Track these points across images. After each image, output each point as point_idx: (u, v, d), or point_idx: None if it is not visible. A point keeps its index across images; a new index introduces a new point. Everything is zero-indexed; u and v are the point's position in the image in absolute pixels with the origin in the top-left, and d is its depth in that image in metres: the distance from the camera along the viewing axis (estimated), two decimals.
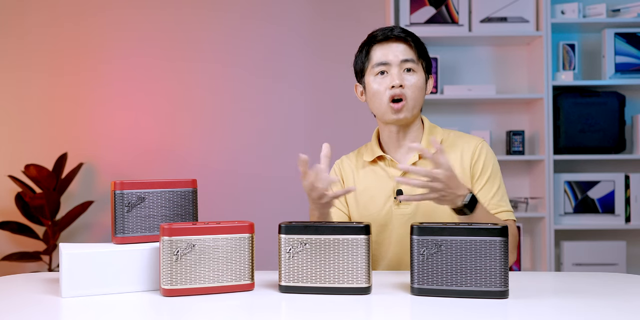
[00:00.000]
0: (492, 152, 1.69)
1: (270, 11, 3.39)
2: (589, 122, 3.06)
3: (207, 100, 3.39)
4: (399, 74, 1.61)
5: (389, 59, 1.62)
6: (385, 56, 1.63)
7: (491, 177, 1.65)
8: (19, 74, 3.41)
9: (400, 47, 1.63)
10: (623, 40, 3.09)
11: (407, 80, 1.61)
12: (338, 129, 3.34)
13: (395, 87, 1.60)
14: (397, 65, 1.61)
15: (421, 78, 1.64)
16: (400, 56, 1.62)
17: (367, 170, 1.72)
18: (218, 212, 3.25)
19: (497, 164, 1.68)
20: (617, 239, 3.17)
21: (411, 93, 1.61)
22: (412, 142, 1.68)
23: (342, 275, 1.28)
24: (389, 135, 1.69)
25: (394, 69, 1.61)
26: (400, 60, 1.61)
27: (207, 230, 1.29)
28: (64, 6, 3.40)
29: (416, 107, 1.64)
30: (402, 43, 1.63)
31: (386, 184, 1.67)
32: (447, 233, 1.24)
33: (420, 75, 1.63)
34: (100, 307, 1.22)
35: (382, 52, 1.63)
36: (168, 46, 3.39)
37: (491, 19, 3.12)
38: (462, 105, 3.30)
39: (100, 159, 3.40)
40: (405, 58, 1.61)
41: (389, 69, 1.62)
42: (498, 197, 1.63)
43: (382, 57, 1.63)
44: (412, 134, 1.69)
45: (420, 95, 1.64)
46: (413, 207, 1.64)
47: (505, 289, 1.23)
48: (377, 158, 1.71)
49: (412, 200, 1.47)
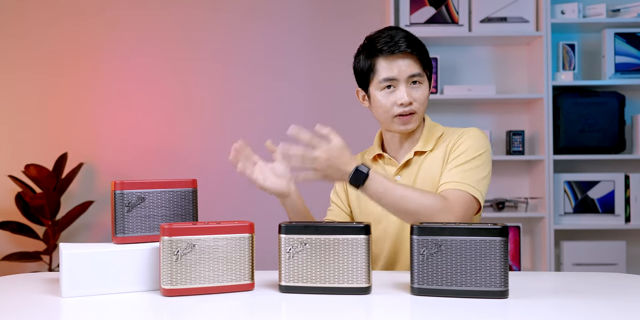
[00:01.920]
0: (479, 137, 1.62)
1: (270, 11, 3.39)
2: (589, 122, 3.06)
3: (207, 100, 3.39)
4: (407, 91, 1.60)
5: (395, 74, 1.60)
6: (391, 71, 1.60)
7: (463, 153, 1.58)
8: (19, 74, 3.41)
9: (406, 62, 1.60)
10: (623, 40, 3.09)
11: (415, 94, 1.61)
12: (338, 128, 3.30)
13: (404, 105, 1.60)
14: (404, 80, 1.60)
15: (426, 88, 1.64)
16: (407, 71, 1.60)
17: None
18: (218, 212, 3.24)
19: (478, 146, 1.59)
20: (617, 239, 3.17)
21: (419, 106, 1.62)
22: (412, 141, 1.70)
23: (342, 275, 1.28)
24: (392, 139, 1.72)
25: (402, 86, 1.60)
26: (408, 76, 1.60)
27: (207, 230, 1.29)
28: (64, 6, 3.40)
29: (422, 115, 1.66)
30: (408, 57, 1.61)
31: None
32: (447, 233, 1.24)
33: (425, 86, 1.64)
34: (100, 307, 1.22)
35: (389, 66, 1.60)
36: (168, 46, 3.39)
37: (491, 19, 3.12)
38: (462, 105, 3.30)
39: (100, 159, 3.40)
40: (413, 73, 1.60)
41: (396, 84, 1.61)
42: (459, 170, 1.55)
43: (388, 73, 1.61)
44: (412, 135, 1.71)
45: (426, 104, 1.65)
46: None
47: (505, 289, 1.23)
48: (377, 156, 1.73)
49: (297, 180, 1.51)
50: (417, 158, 1.67)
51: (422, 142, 1.68)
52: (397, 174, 1.68)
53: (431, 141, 1.67)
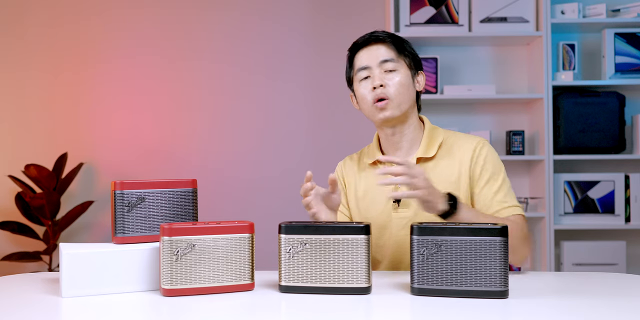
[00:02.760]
0: (493, 149, 1.67)
1: (270, 11, 3.39)
2: (589, 122, 3.06)
3: (207, 100, 3.39)
4: (379, 75, 1.61)
5: (369, 62, 1.63)
6: (365, 60, 1.64)
7: (493, 175, 1.62)
8: (19, 73, 3.41)
9: (380, 49, 1.63)
10: (623, 40, 3.09)
11: (388, 80, 1.61)
12: (339, 129, 3.34)
13: (376, 88, 1.60)
14: (377, 66, 1.62)
15: (405, 75, 1.63)
16: (379, 57, 1.62)
17: (368, 172, 1.71)
18: (218, 212, 3.25)
19: (499, 161, 1.65)
20: (617, 239, 3.17)
21: (394, 91, 1.60)
22: (410, 144, 1.67)
23: (342, 275, 1.28)
24: (386, 139, 1.69)
25: (375, 71, 1.62)
26: (380, 61, 1.62)
27: (207, 230, 1.29)
28: (64, 6, 3.40)
29: (402, 104, 1.62)
30: (381, 45, 1.64)
31: (385, 186, 1.65)
32: (447, 233, 1.24)
33: (403, 73, 1.62)
34: (100, 307, 1.22)
35: (363, 56, 1.64)
36: (168, 46, 3.40)
37: (491, 19, 3.12)
38: (462, 105, 3.30)
39: (100, 159, 3.40)
40: (385, 59, 1.62)
41: (371, 72, 1.63)
42: (502, 194, 1.61)
43: (363, 62, 1.64)
44: (409, 135, 1.67)
45: (406, 92, 1.62)
46: (412, 211, 1.62)
47: (505, 289, 1.23)
48: (377, 161, 1.70)
49: (399, 197, 1.46)
50: (420, 165, 1.63)
51: (424, 148, 1.65)
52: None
53: (433, 147, 1.65)
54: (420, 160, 1.64)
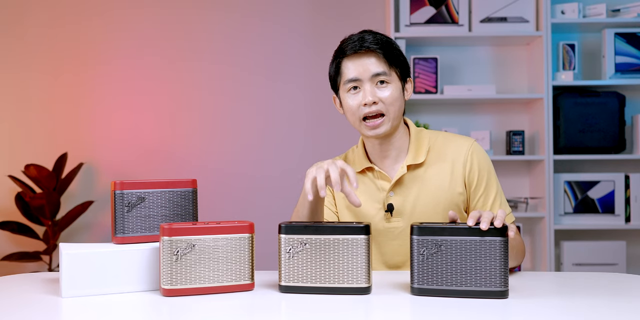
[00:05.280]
0: (483, 152, 1.63)
1: (271, 11, 3.39)
2: (589, 122, 3.06)
3: (207, 100, 3.39)
4: (371, 90, 1.54)
5: (359, 74, 1.55)
6: (355, 72, 1.56)
7: (489, 181, 1.61)
8: (19, 74, 3.41)
9: (370, 60, 1.55)
10: (623, 40, 3.09)
11: (380, 94, 1.55)
12: (338, 129, 3.34)
13: (368, 105, 1.54)
14: (368, 80, 1.55)
15: (396, 88, 1.57)
16: (371, 70, 1.55)
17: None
18: (218, 212, 3.25)
19: (490, 165, 1.63)
20: (617, 239, 3.17)
21: (388, 106, 1.55)
22: (398, 151, 1.63)
23: (342, 275, 1.28)
24: (372, 147, 1.64)
25: (366, 85, 1.55)
26: (371, 75, 1.54)
27: (207, 230, 1.29)
28: (64, 6, 3.40)
29: (396, 118, 1.58)
30: (372, 55, 1.55)
31: (376, 196, 1.62)
32: (447, 233, 1.24)
33: (394, 86, 1.57)
34: (100, 307, 1.22)
35: (353, 67, 1.56)
36: (168, 46, 3.40)
37: (491, 19, 3.12)
38: (462, 105, 3.30)
39: (100, 159, 3.40)
40: (377, 72, 1.54)
41: (361, 84, 1.56)
42: (498, 201, 1.61)
43: (352, 73, 1.56)
44: (396, 143, 1.62)
45: (398, 105, 1.57)
46: (404, 222, 1.60)
47: (505, 289, 1.23)
48: (365, 169, 1.65)
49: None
50: (411, 173, 1.60)
51: (413, 154, 1.61)
52: (391, 190, 1.61)
53: (421, 152, 1.61)
54: (410, 167, 1.60)
